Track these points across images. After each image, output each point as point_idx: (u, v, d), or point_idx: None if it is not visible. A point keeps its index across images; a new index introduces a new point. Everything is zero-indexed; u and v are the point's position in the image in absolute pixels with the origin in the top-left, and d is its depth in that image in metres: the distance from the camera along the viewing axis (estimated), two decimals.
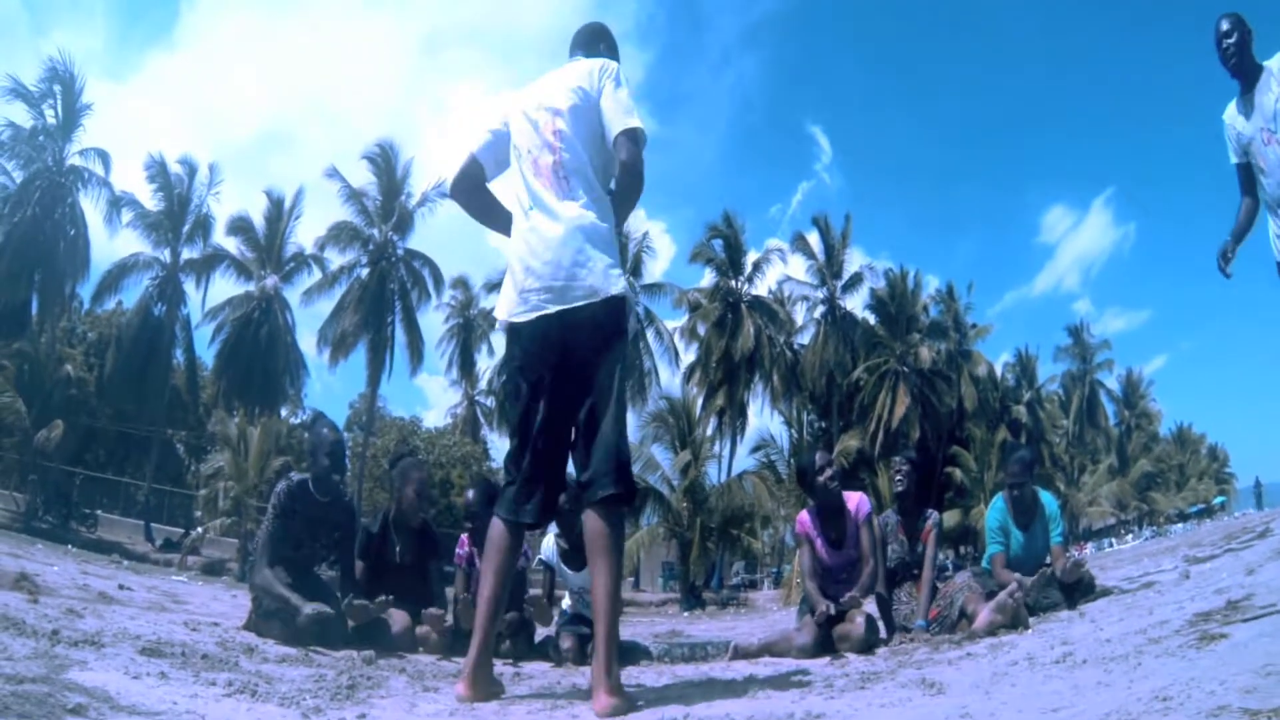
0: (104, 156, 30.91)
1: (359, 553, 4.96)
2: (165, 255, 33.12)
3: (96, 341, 37.14)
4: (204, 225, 33.60)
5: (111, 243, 33.74)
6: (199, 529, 27.51)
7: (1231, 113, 4.20)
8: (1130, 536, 43.74)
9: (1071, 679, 2.32)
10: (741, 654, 4.66)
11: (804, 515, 5.13)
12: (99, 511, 29.78)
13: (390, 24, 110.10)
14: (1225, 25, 4.06)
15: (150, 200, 32.61)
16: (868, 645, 4.55)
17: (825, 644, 4.66)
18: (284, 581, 4.39)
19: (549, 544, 5.40)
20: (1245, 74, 4.07)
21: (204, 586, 10.42)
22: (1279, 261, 4.02)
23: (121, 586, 6.72)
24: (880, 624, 4.93)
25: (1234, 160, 4.24)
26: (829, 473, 4.98)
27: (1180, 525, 42.69)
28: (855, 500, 5.04)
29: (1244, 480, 62.83)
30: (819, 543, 4.97)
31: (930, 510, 5.39)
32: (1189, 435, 68.22)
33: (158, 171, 32.62)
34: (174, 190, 32.80)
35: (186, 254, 33.55)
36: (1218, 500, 54.05)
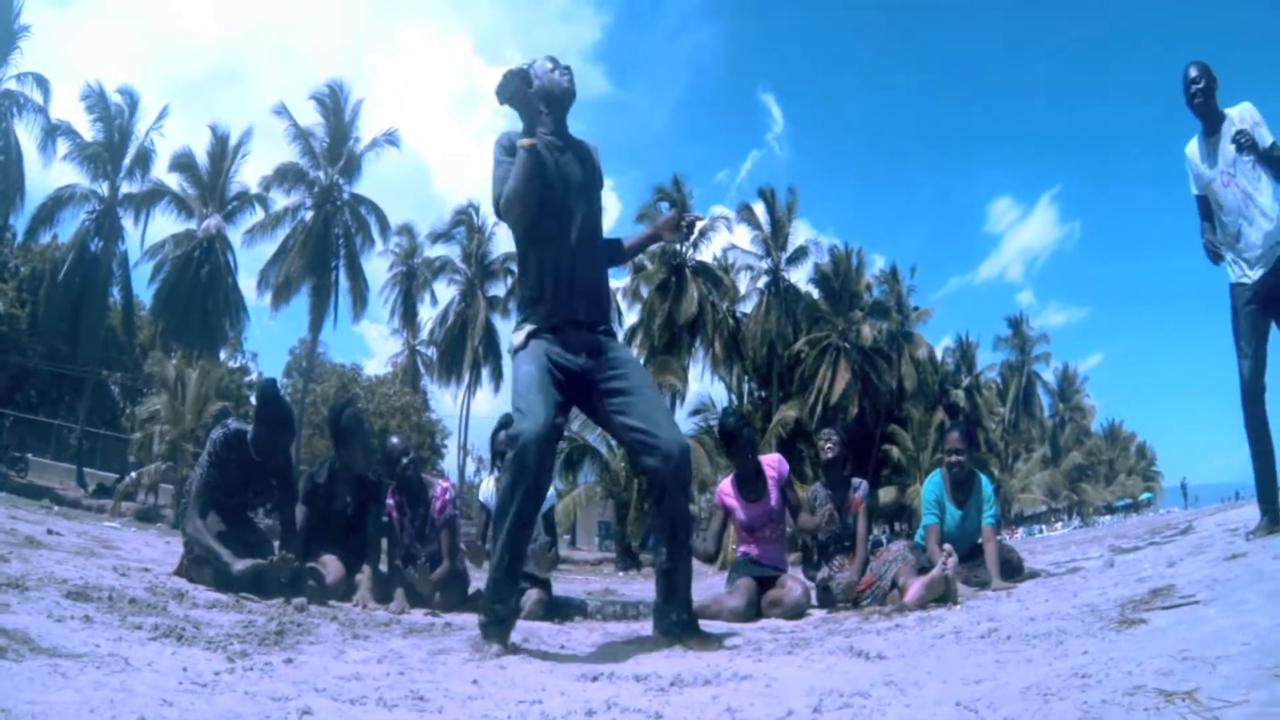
0: (43, 83, 29.48)
1: (303, 499, 4.91)
2: (103, 189, 31.72)
3: (29, 276, 35.17)
4: (144, 159, 32.16)
5: (46, 173, 32.14)
6: (133, 474, 26.82)
7: (1193, 149, 4.58)
8: (1060, 525, 45.19)
9: (996, 653, 2.38)
10: None
11: (725, 485, 5.26)
12: (29, 455, 28.75)
13: None
14: (1194, 72, 4.45)
15: (88, 130, 31.19)
16: (798, 611, 4.65)
17: (756, 608, 4.75)
18: (217, 530, 4.32)
19: (488, 487, 5.29)
20: (1209, 118, 4.44)
21: (137, 533, 10.20)
22: (1232, 283, 4.41)
23: (50, 531, 6.53)
24: (811, 592, 5.03)
25: (1194, 191, 4.62)
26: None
27: (1107, 517, 44.15)
28: (774, 461, 5.22)
29: (1170, 480, 65.26)
30: (737, 505, 5.13)
31: (859, 480, 5.47)
32: (1120, 432, 70.27)
33: (96, 101, 31.14)
34: (113, 121, 31.38)
35: (125, 188, 32.21)
36: (1144, 497, 56.03)
